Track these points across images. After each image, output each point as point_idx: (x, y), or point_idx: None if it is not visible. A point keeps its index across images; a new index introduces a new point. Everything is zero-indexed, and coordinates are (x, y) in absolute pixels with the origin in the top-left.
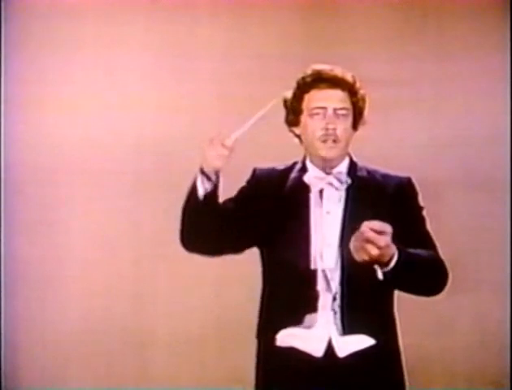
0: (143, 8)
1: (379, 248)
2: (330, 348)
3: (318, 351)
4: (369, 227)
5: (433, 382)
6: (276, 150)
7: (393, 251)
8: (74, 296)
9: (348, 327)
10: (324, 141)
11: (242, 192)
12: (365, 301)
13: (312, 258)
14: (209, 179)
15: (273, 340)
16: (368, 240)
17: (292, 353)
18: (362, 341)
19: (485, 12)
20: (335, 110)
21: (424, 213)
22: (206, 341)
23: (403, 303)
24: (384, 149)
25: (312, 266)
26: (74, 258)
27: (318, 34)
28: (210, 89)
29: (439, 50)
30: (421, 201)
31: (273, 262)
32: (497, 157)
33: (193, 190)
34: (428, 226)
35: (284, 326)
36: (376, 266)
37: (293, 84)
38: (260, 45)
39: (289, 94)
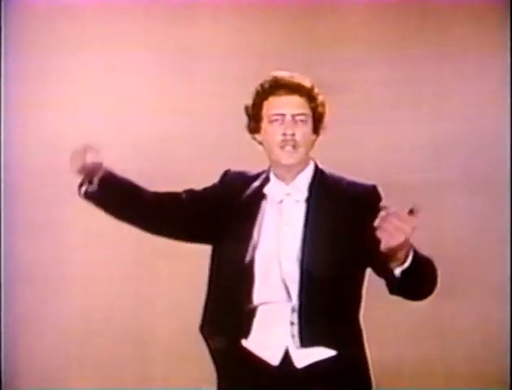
0: (143, 8)
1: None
2: (287, 358)
3: (274, 360)
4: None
5: (434, 382)
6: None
7: (409, 248)
8: (74, 296)
9: (306, 340)
10: (283, 147)
11: (207, 188)
12: (325, 314)
13: (248, 255)
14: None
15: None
16: (397, 225)
17: (250, 357)
18: (320, 353)
19: (485, 12)
20: (293, 116)
21: None
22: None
23: (403, 304)
24: (384, 150)
25: (247, 260)
26: (74, 258)
27: (318, 34)
28: (210, 89)
29: (439, 50)
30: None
31: (220, 262)
32: (497, 157)
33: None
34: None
35: (226, 334)
36: (394, 265)
37: None
38: (260, 45)
39: (250, 102)
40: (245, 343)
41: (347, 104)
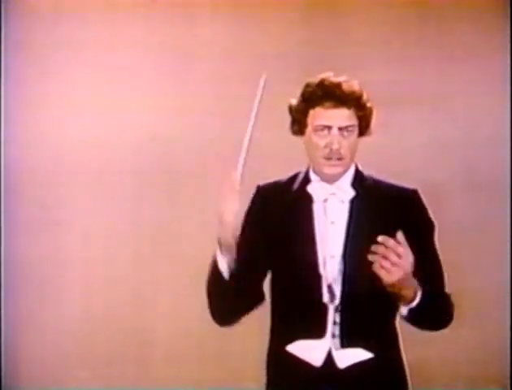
0: (143, 9)
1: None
2: (329, 359)
3: (317, 361)
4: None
5: (434, 382)
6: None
7: (416, 287)
8: (74, 296)
9: (348, 340)
10: (328, 159)
11: (248, 215)
12: (366, 314)
13: (321, 271)
14: (228, 251)
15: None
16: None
17: (294, 359)
18: (361, 354)
19: (485, 13)
20: (340, 128)
21: (431, 224)
22: (206, 341)
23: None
24: (385, 150)
25: (323, 282)
26: (74, 258)
27: (318, 34)
28: (210, 90)
29: (439, 51)
30: (430, 213)
31: (282, 277)
32: (498, 157)
33: (216, 270)
34: (436, 238)
35: (294, 339)
36: (401, 303)
37: (292, 84)
38: (260, 45)
39: (294, 102)
40: (288, 347)
41: None
